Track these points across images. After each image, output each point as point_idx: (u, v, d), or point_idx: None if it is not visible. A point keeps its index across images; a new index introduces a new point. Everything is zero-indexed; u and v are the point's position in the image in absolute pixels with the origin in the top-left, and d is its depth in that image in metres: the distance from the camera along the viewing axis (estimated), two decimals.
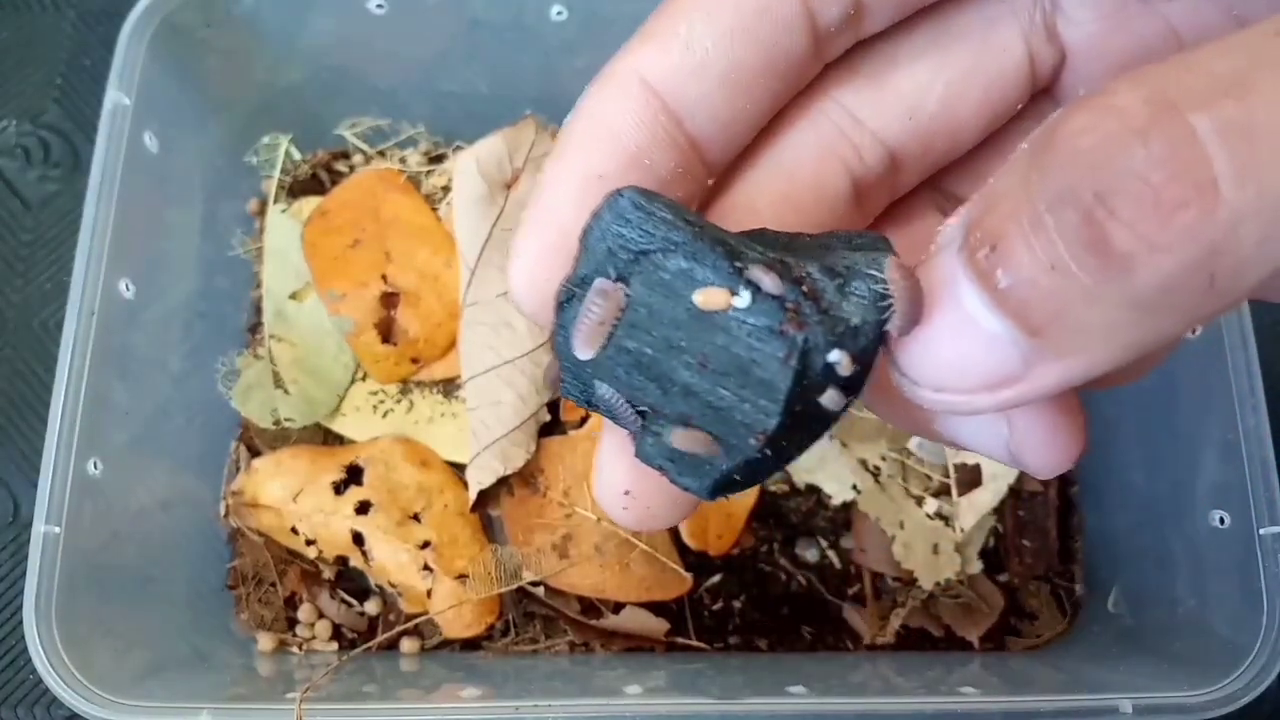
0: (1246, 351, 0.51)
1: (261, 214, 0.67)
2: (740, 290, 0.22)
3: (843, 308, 0.22)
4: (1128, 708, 0.46)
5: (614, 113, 0.24)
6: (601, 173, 0.24)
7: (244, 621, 0.60)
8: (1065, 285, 0.18)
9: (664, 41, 0.24)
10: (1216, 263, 0.17)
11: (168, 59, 0.57)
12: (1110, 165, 0.17)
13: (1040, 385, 0.20)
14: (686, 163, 0.25)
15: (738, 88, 0.24)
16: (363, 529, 0.60)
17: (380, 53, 0.64)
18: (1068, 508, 0.63)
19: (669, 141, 0.24)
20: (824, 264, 0.22)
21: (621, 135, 0.24)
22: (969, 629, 0.60)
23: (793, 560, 0.61)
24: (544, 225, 0.24)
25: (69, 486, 0.49)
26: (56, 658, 0.47)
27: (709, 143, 0.25)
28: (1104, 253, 0.17)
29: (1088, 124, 0.17)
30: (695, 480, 0.23)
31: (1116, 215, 0.17)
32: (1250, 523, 0.50)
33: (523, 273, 0.24)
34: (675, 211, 0.22)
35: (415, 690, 0.55)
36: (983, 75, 0.26)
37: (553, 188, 0.24)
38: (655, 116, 0.24)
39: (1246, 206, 0.16)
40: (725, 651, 0.59)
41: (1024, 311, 0.19)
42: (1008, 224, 0.19)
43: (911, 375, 0.22)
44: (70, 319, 0.51)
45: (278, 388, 0.62)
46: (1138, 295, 0.18)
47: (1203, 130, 0.16)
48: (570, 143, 0.24)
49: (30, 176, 0.68)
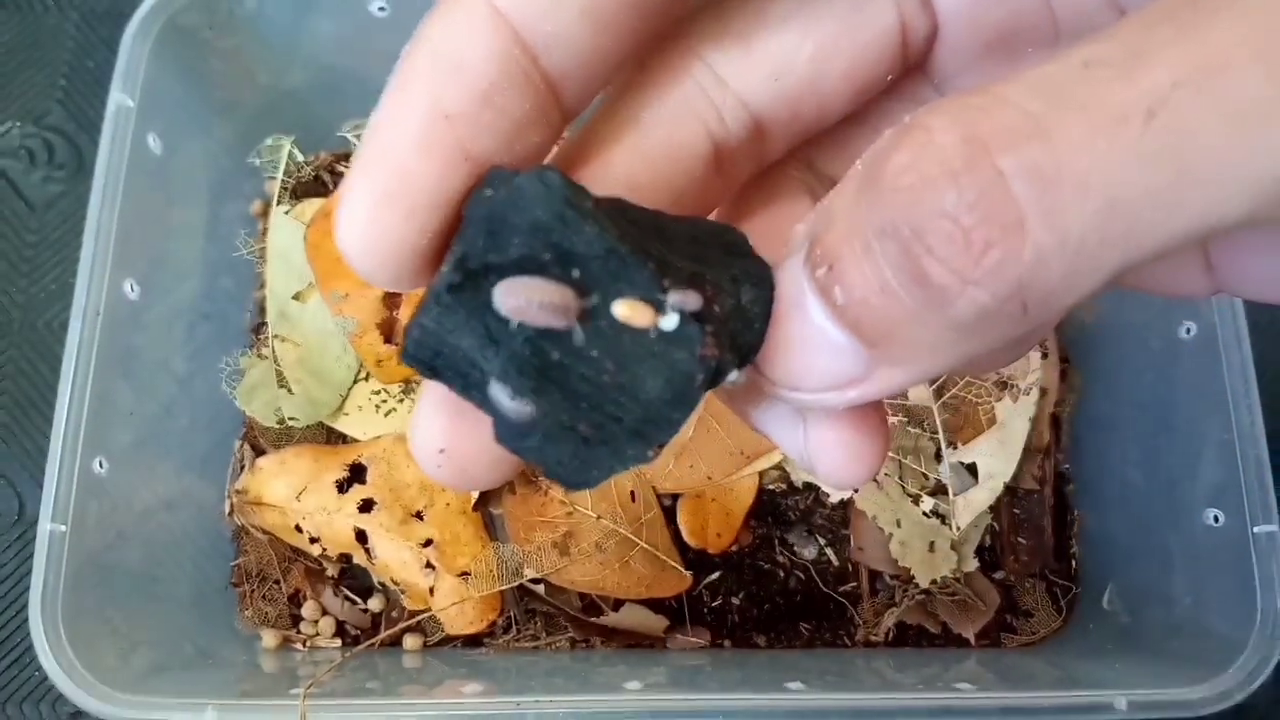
0: (1241, 350, 0.51)
1: (265, 215, 0.67)
2: (668, 311, 0.21)
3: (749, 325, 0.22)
4: (1122, 704, 0.46)
5: (462, 44, 0.21)
6: (449, 112, 0.21)
7: (248, 619, 0.60)
8: (894, 306, 0.19)
9: None
10: (1027, 294, 0.18)
11: (171, 61, 0.58)
12: (926, 205, 0.18)
13: (882, 387, 0.21)
14: (542, 105, 0.22)
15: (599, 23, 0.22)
16: (366, 527, 0.60)
17: (382, 54, 0.62)
18: (1063, 506, 0.63)
19: (524, 79, 0.22)
20: (728, 273, 0.22)
21: (471, 69, 0.21)
22: (965, 626, 0.60)
23: (791, 558, 0.62)
24: (380, 168, 0.21)
25: (74, 485, 0.50)
26: (62, 655, 0.47)
27: (566, 83, 0.22)
28: (924, 284, 0.18)
29: (909, 162, 0.18)
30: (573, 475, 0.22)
31: (933, 252, 0.18)
32: (1244, 521, 0.50)
33: (353, 224, 0.21)
34: (600, 211, 0.21)
35: (418, 686, 0.55)
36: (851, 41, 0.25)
37: (391, 125, 0.21)
38: (509, 49, 0.21)
39: (1050, 246, 0.17)
40: (724, 648, 0.60)
41: (860, 327, 0.20)
42: (842, 246, 0.20)
43: (767, 374, 0.22)
44: (75, 320, 0.52)
45: (281, 387, 0.63)
46: (957, 321, 0.19)
47: (1010, 173, 0.17)
48: (412, 75, 0.21)
49: (34, 178, 0.68)
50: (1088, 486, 0.63)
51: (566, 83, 0.22)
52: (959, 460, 0.62)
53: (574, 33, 0.22)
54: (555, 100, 0.23)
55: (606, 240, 0.21)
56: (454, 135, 0.21)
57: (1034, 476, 0.62)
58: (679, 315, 0.21)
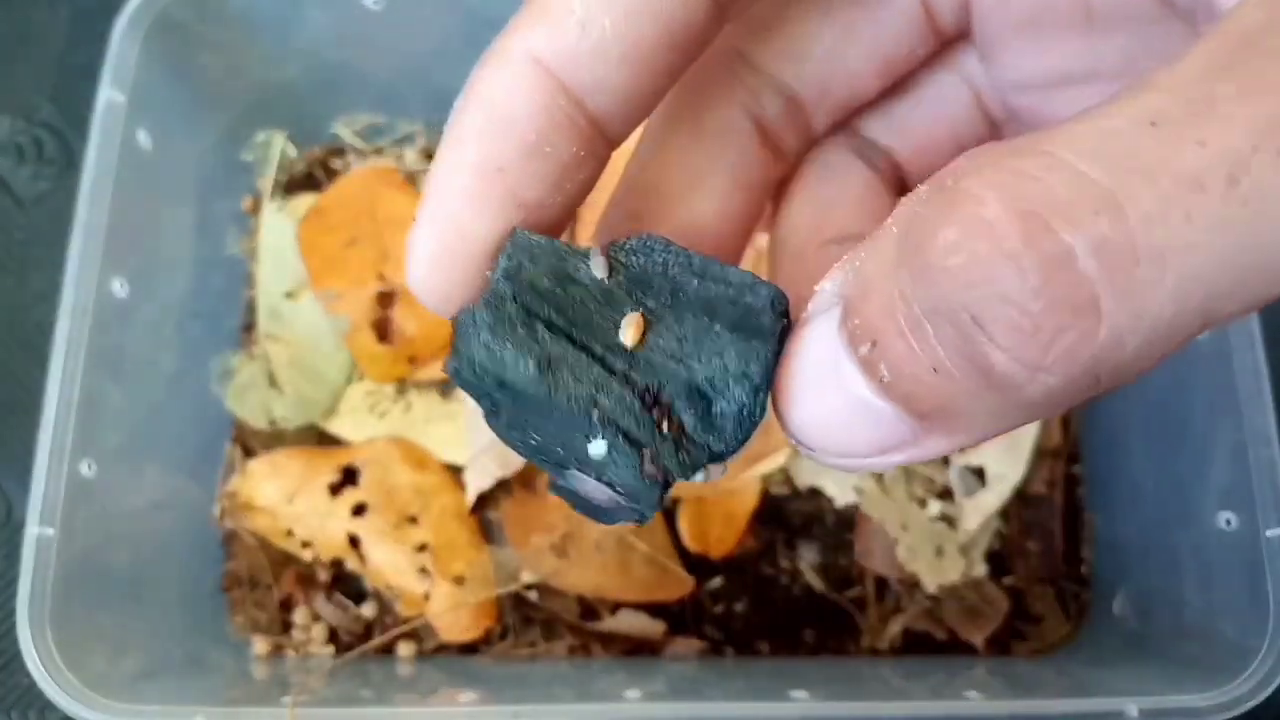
0: (1254, 353, 0.51)
1: (256, 212, 0.66)
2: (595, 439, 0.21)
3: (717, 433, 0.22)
4: (1133, 711, 0.46)
5: (510, 98, 0.23)
6: (501, 165, 0.23)
7: (239, 624, 0.59)
8: (949, 385, 0.18)
9: (557, 20, 0.23)
10: (1100, 369, 0.17)
11: (161, 55, 0.57)
12: (984, 288, 0.16)
13: (932, 451, 0.20)
14: (589, 145, 0.24)
15: (640, 65, 0.23)
16: (359, 531, 0.59)
17: (376, 48, 0.63)
18: (1073, 510, 0.62)
19: (570, 125, 0.23)
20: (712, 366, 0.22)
21: (520, 122, 0.23)
22: (973, 632, 0.59)
23: (795, 563, 0.61)
24: (441, 223, 0.23)
25: (62, 488, 0.49)
26: (50, 661, 0.46)
27: (610, 121, 0.24)
28: (986, 371, 0.17)
29: (958, 239, 0.17)
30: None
31: (995, 341, 0.17)
32: (1256, 525, 0.49)
33: (419, 272, 0.23)
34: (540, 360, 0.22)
35: (412, 694, 0.54)
36: (870, 23, 0.27)
37: (447, 180, 0.23)
38: (554, 100, 0.23)
39: (1127, 325, 0.16)
40: (726, 655, 0.59)
41: (910, 402, 0.19)
42: (885, 321, 0.18)
43: (808, 444, 0.21)
44: (63, 318, 0.51)
45: (273, 388, 0.62)
46: (1022, 401, 0.18)
47: (1079, 250, 0.16)
48: (464, 131, 0.23)
49: (23, 174, 0.67)
50: (1098, 489, 0.62)
51: (611, 121, 0.24)
52: (966, 463, 0.61)
53: (615, 77, 0.23)
54: (601, 137, 0.24)
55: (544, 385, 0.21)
56: (505, 186, 0.23)
57: (1043, 479, 0.62)
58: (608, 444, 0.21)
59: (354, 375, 0.63)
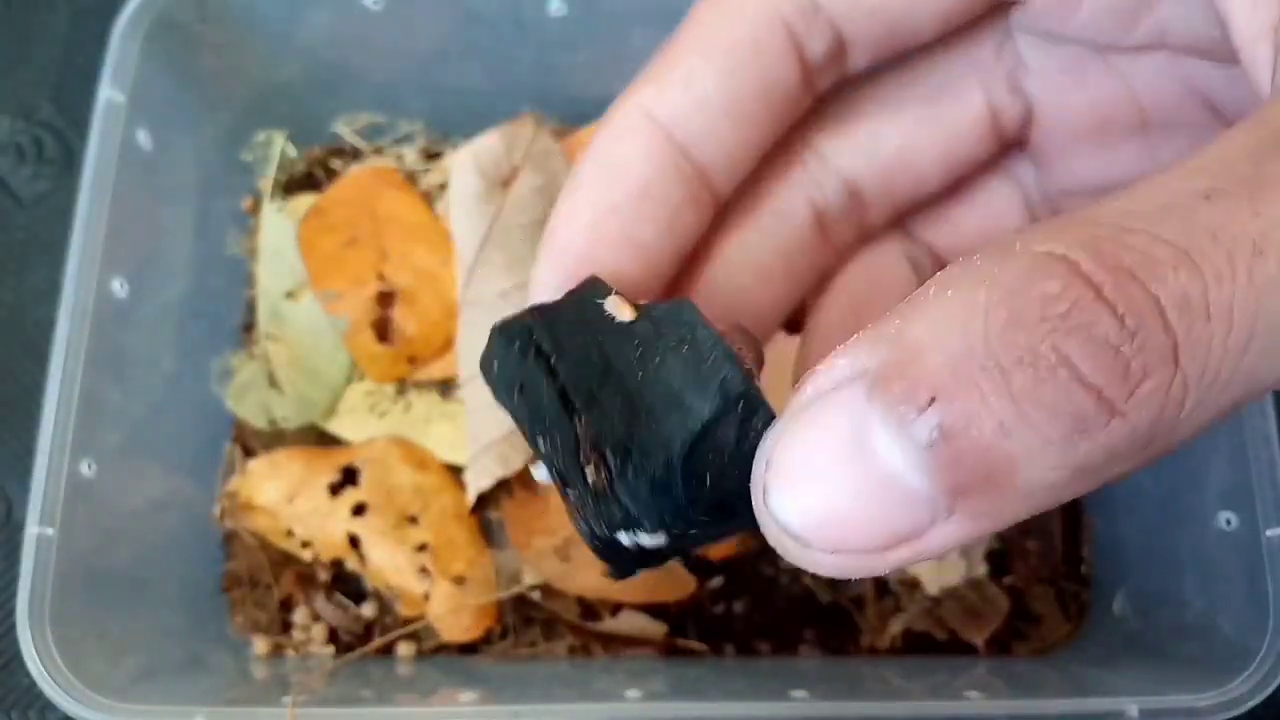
0: None
1: (256, 212, 0.66)
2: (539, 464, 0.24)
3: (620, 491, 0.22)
4: (1134, 711, 0.46)
5: (623, 146, 0.26)
6: (614, 204, 0.26)
7: (239, 624, 0.59)
8: (1009, 446, 0.18)
9: (666, 78, 0.26)
10: (1158, 428, 0.18)
11: (161, 55, 0.57)
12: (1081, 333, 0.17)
13: (938, 545, 0.19)
14: (694, 191, 0.26)
15: (740, 119, 0.26)
16: (359, 531, 0.59)
17: (377, 48, 0.63)
18: (1073, 510, 0.62)
19: (676, 171, 0.26)
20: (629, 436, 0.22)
21: (631, 168, 0.26)
22: (973, 633, 0.59)
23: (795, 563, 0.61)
24: (563, 254, 0.26)
25: (62, 488, 0.49)
26: (50, 661, 0.46)
27: (715, 170, 0.26)
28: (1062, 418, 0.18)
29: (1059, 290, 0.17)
30: None
31: (1084, 381, 0.17)
32: (1256, 525, 0.49)
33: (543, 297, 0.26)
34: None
35: (412, 694, 0.54)
36: (940, 125, 0.29)
37: (569, 219, 0.26)
38: (662, 148, 0.26)
39: (1193, 378, 0.17)
40: (726, 655, 0.59)
41: (954, 467, 0.18)
42: (951, 374, 0.18)
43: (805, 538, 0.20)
44: (63, 318, 0.51)
45: (273, 388, 0.62)
46: (1082, 459, 0.18)
47: (1166, 302, 0.17)
48: (584, 178, 0.26)
49: (23, 174, 0.67)
50: (1099, 490, 0.62)
51: (715, 171, 0.27)
52: None
53: (718, 129, 0.26)
54: (706, 185, 0.27)
55: None
56: (619, 225, 0.26)
57: None
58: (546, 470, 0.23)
59: (354, 375, 0.63)
